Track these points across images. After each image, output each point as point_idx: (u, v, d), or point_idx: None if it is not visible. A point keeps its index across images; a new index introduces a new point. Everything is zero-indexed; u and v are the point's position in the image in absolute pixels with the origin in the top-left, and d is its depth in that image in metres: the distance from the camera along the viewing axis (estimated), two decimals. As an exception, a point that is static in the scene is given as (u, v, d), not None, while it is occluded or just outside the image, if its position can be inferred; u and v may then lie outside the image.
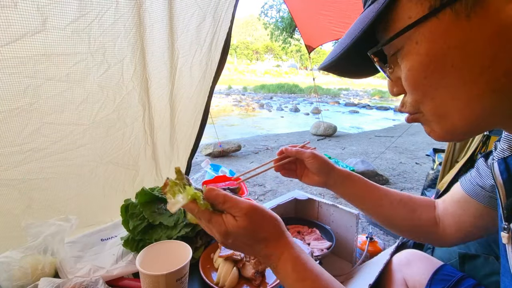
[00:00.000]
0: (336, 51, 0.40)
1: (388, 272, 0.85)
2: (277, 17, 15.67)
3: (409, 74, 0.35)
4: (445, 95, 0.34)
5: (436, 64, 0.33)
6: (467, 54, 0.31)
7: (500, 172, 0.44)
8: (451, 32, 0.31)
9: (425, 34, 0.32)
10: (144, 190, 0.83)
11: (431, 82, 0.34)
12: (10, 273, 0.65)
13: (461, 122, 0.35)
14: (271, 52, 53.10)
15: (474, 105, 0.33)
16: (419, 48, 0.33)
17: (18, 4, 0.66)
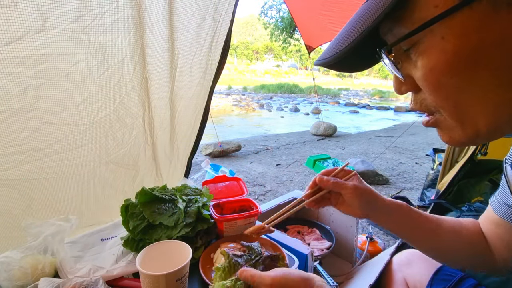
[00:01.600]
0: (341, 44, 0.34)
1: (389, 272, 0.85)
2: (277, 17, 15.67)
3: (430, 74, 0.30)
4: (471, 98, 0.30)
5: (466, 63, 0.28)
6: (504, 52, 0.27)
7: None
8: (488, 26, 0.26)
9: (454, 28, 0.27)
10: (144, 190, 0.83)
11: (457, 83, 0.30)
12: (10, 273, 0.65)
13: (487, 129, 0.31)
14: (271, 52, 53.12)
15: (504, 110, 0.30)
16: (445, 44, 0.28)
17: (18, 4, 0.66)
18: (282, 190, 2.80)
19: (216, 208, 0.93)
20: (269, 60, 54.70)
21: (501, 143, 0.49)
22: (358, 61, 0.39)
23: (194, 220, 0.82)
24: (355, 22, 0.34)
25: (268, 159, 3.91)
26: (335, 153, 4.32)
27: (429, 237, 0.60)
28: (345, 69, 0.41)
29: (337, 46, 0.34)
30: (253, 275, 0.51)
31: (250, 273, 0.52)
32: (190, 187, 0.97)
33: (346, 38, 0.33)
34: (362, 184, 0.60)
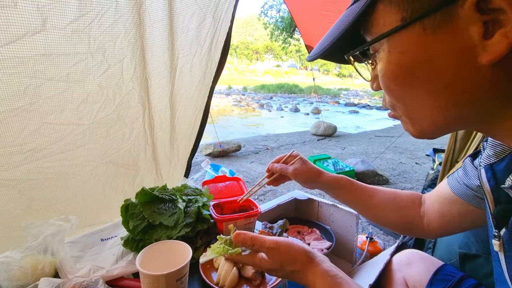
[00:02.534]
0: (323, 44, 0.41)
1: (388, 272, 0.85)
2: (277, 17, 15.67)
3: (383, 79, 0.37)
4: (414, 103, 0.36)
5: (405, 75, 0.34)
6: (432, 69, 0.32)
7: (487, 179, 0.45)
8: (419, 46, 0.32)
9: (396, 44, 0.33)
10: (144, 190, 0.83)
11: (402, 89, 0.36)
12: (10, 273, 0.65)
13: (429, 127, 0.37)
14: (271, 52, 53.10)
15: (438, 115, 0.35)
16: (391, 57, 0.34)
17: (18, 4, 0.66)
18: (282, 190, 2.80)
19: (216, 208, 0.93)
20: (269, 60, 54.68)
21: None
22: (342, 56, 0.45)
23: (194, 220, 0.82)
24: (335, 26, 0.40)
25: (268, 159, 3.91)
26: (335, 153, 4.32)
27: (364, 203, 0.74)
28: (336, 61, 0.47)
29: (321, 46, 0.41)
30: (253, 238, 0.52)
31: (250, 235, 0.53)
32: (190, 187, 0.97)
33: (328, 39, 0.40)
34: (303, 166, 0.78)
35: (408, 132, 0.41)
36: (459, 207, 0.59)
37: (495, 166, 0.45)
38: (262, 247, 0.52)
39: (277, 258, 0.51)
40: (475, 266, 0.86)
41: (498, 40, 0.27)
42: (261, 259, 0.53)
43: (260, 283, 0.71)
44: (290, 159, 0.82)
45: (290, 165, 0.79)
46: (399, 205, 0.70)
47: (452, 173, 0.62)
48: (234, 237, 0.53)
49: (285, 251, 0.51)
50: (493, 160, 0.45)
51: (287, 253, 0.51)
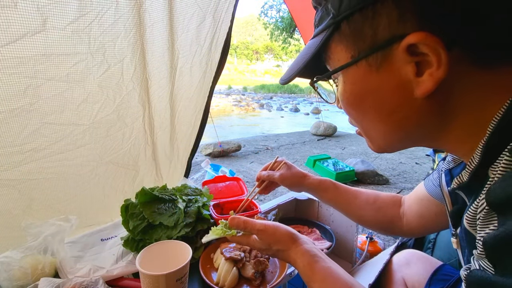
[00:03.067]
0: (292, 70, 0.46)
1: (388, 272, 0.85)
2: (277, 17, 15.67)
3: (342, 103, 0.42)
4: (369, 125, 0.42)
5: (357, 103, 0.40)
6: (378, 99, 0.37)
7: (446, 182, 0.49)
8: (366, 79, 0.37)
9: (348, 77, 0.39)
10: (144, 190, 0.83)
11: (357, 114, 0.42)
12: (10, 273, 0.65)
13: (386, 145, 0.42)
14: (271, 52, 53.06)
15: (389, 136, 0.40)
16: (345, 86, 0.39)
17: (18, 4, 0.66)
18: (282, 190, 2.80)
19: (216, 208, 0.93)
20: (269, 60, 54.64)
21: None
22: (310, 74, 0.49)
23: (194, 220, 0.82)
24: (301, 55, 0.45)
25: (268, 159, 3.90)
26: (335, 153, 4.32)
27: (347, 204, 0.78)
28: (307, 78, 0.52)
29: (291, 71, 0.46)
30: (245, 221, 0.60)
31: (243, 219, 0.60)
32: (190, 187, 0.97)
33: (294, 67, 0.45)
34: (289, 171, 0.83)
35: (370, 148, 0.45)
36: (435, 207, 0.62)
37: (453, 171, 0.49)
38: (252, 229, 0.59)
39: (265, 238, 0.58)
40: (474, 266, 0.86)
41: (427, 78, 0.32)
42: (254, 240, 0.60)
43: (260, 283, 0.72)
44: (276, 165, 0.87)
45: (277, 171, 0.84)
46: (379, 206, 0.74)
47: (428, 175, 0.65)
48: (229, 220, 0.61)
49: (272, 232, 0.57)
50: (452, 165, 0.49)
51: (273, 234, 0.57)
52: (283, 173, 0.83)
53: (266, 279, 0.73)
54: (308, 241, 0.58)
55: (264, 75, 37.86)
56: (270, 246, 0.57)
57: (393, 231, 0.77)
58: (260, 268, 0.73)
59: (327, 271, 0.51)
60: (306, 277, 0.53)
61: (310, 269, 0.52)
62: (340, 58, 0.38)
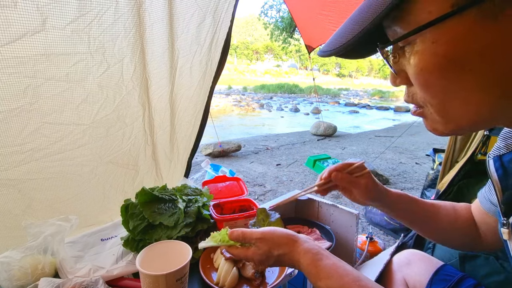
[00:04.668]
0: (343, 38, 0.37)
1: (388, 272, 0.85)
2: (277, 17, 15.65)
3: (421, 73, 0.33)
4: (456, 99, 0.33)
5: (454, 67, 0.30)
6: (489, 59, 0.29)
7: (495, 168, 0.45)
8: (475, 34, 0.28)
9: (445, 34, 0.29)
10: (144, 190, 0.83)
11: (444, 84, 0.32)
12: (10, 273, 0.65)
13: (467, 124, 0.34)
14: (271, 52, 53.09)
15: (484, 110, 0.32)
16: (436, 48, 0.30)
17: (18, 4, 0.66)
18: (282, 190, 2.80)
19: (216, 208, 0.93)
20: (269, 60, 54.67)
21: (501, 143, 0.51)
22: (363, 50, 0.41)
23: (194, 220, 0.82)
24: (357, 17, 0.36)
25: (268, 159, 3.91)
26: (335, 153, 4.32)
27: (428, 223, 0.67)
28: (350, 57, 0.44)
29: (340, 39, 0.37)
30: (244, 232, 0.58)
31: (241, 231, 0.59)
32: (190, 187, 0.97)
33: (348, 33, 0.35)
34: (374, 183, 0.67)
35: (434, 132, 0.37)
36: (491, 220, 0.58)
37: (504, 157, 0.45)
38: (251, 239, 0.57)
39: (265, 245, 0.55)
40: (474, 266, 0.86)
41: None
42: (253, 251, 0.57)
43: (260, 283, 0.71)
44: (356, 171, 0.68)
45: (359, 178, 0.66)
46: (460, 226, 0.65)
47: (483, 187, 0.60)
48: (229, 235, 0.60)
49: (270, 237, 0.56)
50: (503, 151, 0.45)
51: (271, 239, 0.55)
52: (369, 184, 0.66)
53: (266, 279, 0.73)
54: (309, 239, 0.56)
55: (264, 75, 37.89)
56: (271, 252, 0.55)
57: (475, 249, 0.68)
58: (260, 268, 0.73)
59: (332, 267, 0.49)
60: (311, 276, 0.51)
61: (315, 267, 0.50)
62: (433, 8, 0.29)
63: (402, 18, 0.32)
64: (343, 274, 0.48)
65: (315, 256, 0.51)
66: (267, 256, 0.56)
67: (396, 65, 0.36)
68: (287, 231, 0.57)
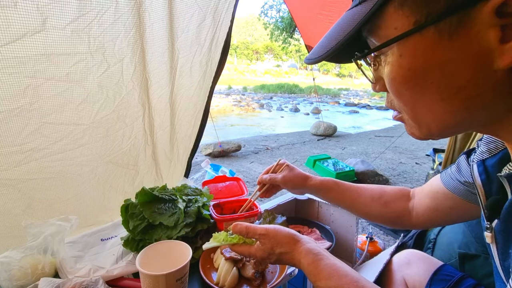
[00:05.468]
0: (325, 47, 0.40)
1: (388, 272, 0.85)
2: (277, 17, 15.66)
3: (392, 83, 0.36)
4: (423, 107, 0.36)
5: (417, 79, 0.34)
6: (446, 73, 0.32)
7: (479, 173, 0.47)
8: (433, 50, 0.31)
9: (409, 48, 0.33)
10: (144, 190, 0.83)
11: (411, 94, 0.35)
12: (10, 273, 0.65)
13: (437, 130, 0.37)
14: (271, 52, 53.08)
15: (448, 119, 0.35)
16: (402, 61, 0.34)
17: (18, 4, 0.66)
18: (282, 190, 2.80)
19: (216, 208, 0.93)
20: (269, 60, 54.66)
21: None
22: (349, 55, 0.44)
23: (194, 220, 0.82)
24: (338, 28, 0.39)
25: (268, 159, 3.91)
26: (335, 153, 4.32)
27: (352, 202, 0.78)
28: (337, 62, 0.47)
29: (323, 48, 0.40)
30: (248, 227, 0.59)
31: (245, 225, 0.60)
32: (190, 187, 0.97)
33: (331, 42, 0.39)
34: (291, 173, 0.83)
35: (412, 136, 0.40)
36: (450, 202, 0.62)
37: (487, 162, 0.47)
38: (254, 234, 0.58)
39: (268, 242, 0.57)
40: (474, 266, 0.86)
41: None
42: (255, 249, 0.59)
43: (260, 283, 0.71)
44: (278, 168, 0.86)
45: (279, 174, 0.84)
46: (386, 200, 0.74)
47: (445, 169, 0.65)
48: (232, 227, 0.61)
49: (273, 235, 0.57)
50: (486, 156, 0.47)
51: (275, 237, 0.57)
52: (286, 175, 0.82)
53: (266, 279, 0.73)
54: (310, 240, 0.58)
55: (264, 75, 37.88)
56: (273, 249, 0.57)
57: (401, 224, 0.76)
58: (260, 268, 0.73)
59: (332, 268, 0.51)
60: (311, 276, 0.53)
61: (315, 267, 0.52)
62: (398, 25, 0.32)
63: (374, 32, 0.35)
64: (343, 275, 0.49)
65: (316, 257, 0.53)
66: (269, 253, 0.57)
67: (376, 72, 0.39)
68: (290, 230, 0.59)
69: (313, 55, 0.42)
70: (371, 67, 0.39)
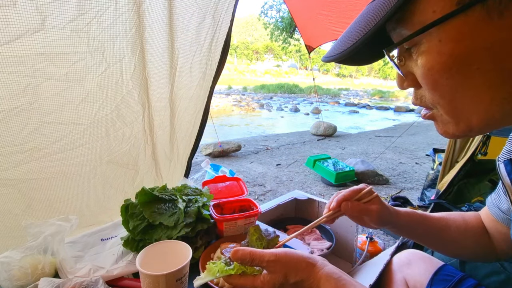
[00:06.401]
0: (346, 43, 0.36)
1: (389, 272, 0.85)
2: (277, 17, 15.65)
3: (428, 73, 0.33)
4: (465, 97, 0.32)
5: (461, 65, 0.30)
6: (496, 56, 0.29)
7: (507, 173, 0.44)
8: (481, 31, 0.28)
9: (450, 32, 0.29)
10: (144, 190, 0.83)
11: (452, 83, 0.32)
12: (10, 273, 0.65)
13: (479, 124, 0.33)
14: (271, 52, 53.09)
15: (494, 109, 0.31)
16: (442, 47, 0.30)
17: (17, 3, 0.65)
18: (282, 190, 2.80)
19: (216, 208, 0.93)
20: (269, 60, 54.67)
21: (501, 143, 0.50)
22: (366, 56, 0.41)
23: (194, 220, 0.82)
24: (360, 22, 0.36)
25: (268, 159, 3.91)
26: (335, 153, 4.32)
27: (439, 237, 0.66)
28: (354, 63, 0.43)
29: (343, 44, 0.37)
30: (252, 252, 0.49)
31: (249, 251, 0.49)
32: (190, 187, 0.97)
33: (353, 37, 0.35)
34: (384, 206, 0.64)
35: (445, 135, 0.37)
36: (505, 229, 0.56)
37: None
38: (261, 261, 0.48)
39: (279, 269, 0.48)
40: (475, 266, 0.86)
41: None
42: (263, 280, 0.49)
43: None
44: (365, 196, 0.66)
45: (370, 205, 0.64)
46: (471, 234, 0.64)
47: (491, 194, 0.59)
48: (232, 254, 0.50)
49: (286, 261, 0.48)
50: None
51: (287, 263, 0.48)
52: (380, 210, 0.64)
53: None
54: (326, 262, 0.50)
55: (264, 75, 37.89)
56: (287, 278, 0.48)
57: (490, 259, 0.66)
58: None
59: None
60: None
61: None
62: (437, 7, 0.29)
63: (407, 19, 0.32)
64: None
65: (338, 283, 0.46)
66: (281, 284, 0.48)
67: (403, 68, 0.36)
68: (302, 253, 0.51)
69: (333, 51, 0.38)
70: (397, 62, 0.36)
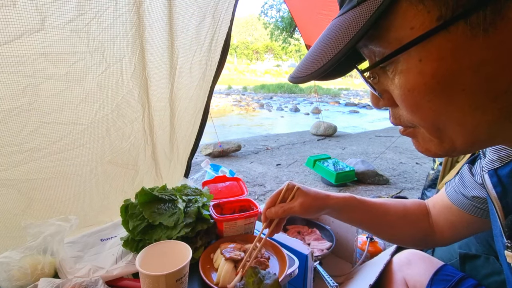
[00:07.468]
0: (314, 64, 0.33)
1: (389, 272, 0.85)
2: (277, 17, 15.66)
3: (408, 95, 0.30)
4: (449, 120, 0.30)
5: (444, 87, 0.28)
6: (482, 76, 0.26)
7: (492, 185, 0.42)
8: (464, 50, 0.26)
9: (432, 50, 0.27)
10: (144, 190, 0.82)
11: (435, 106, 0.29)
12: (9, 273, 0.65)
13: (463, 145, 0.31)
14: (271, 52, 53.08)
15: (481, 131, 0.30)
16: (423, 66, 0.28)
17: (17, 3, 0.65)
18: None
19: (216, 208, 0.92)
20: (269, 60, 54.67)
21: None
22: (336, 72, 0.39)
23: (194, 220, 0.82)
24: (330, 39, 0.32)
25: (268, 159, 3.91)
26: (335, 153, 4.32)
27: (377, 223, 0.66)
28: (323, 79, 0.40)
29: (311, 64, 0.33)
30: None
31: None
32: (190, 187, 0.97)
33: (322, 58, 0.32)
34: (307, 197, 0.63)
35: (426, 153, 0.34)
36: (461, 216, 0.56)
37: (500, 171, 0.42)
38: None
39: None
40: (475, 266, 0.86)
41: None
42: None
43: (260, 283, 0.71)
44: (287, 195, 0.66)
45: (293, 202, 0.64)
46: (410, 219, 0.65)
47: (450, 180, 0.59)
48: None
49: None
50: (497, 165, 0.42)
51: None
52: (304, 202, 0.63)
53: (266, 279, 0.73)
54: None
55: (264, 75, 37.89)
56: None
57: (428, 245, 0.67)
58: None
59: None
60: None
61: None
62: (415, 24, 0.26)
63: (381, 36, 0.29)
64: None
65: None
66: None
67: (377, 86, 0.33)
68: None
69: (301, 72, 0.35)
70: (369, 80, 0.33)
